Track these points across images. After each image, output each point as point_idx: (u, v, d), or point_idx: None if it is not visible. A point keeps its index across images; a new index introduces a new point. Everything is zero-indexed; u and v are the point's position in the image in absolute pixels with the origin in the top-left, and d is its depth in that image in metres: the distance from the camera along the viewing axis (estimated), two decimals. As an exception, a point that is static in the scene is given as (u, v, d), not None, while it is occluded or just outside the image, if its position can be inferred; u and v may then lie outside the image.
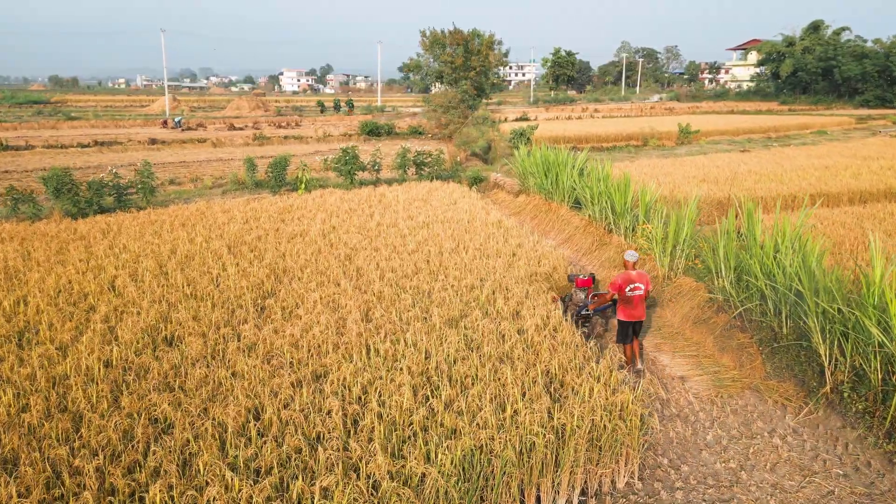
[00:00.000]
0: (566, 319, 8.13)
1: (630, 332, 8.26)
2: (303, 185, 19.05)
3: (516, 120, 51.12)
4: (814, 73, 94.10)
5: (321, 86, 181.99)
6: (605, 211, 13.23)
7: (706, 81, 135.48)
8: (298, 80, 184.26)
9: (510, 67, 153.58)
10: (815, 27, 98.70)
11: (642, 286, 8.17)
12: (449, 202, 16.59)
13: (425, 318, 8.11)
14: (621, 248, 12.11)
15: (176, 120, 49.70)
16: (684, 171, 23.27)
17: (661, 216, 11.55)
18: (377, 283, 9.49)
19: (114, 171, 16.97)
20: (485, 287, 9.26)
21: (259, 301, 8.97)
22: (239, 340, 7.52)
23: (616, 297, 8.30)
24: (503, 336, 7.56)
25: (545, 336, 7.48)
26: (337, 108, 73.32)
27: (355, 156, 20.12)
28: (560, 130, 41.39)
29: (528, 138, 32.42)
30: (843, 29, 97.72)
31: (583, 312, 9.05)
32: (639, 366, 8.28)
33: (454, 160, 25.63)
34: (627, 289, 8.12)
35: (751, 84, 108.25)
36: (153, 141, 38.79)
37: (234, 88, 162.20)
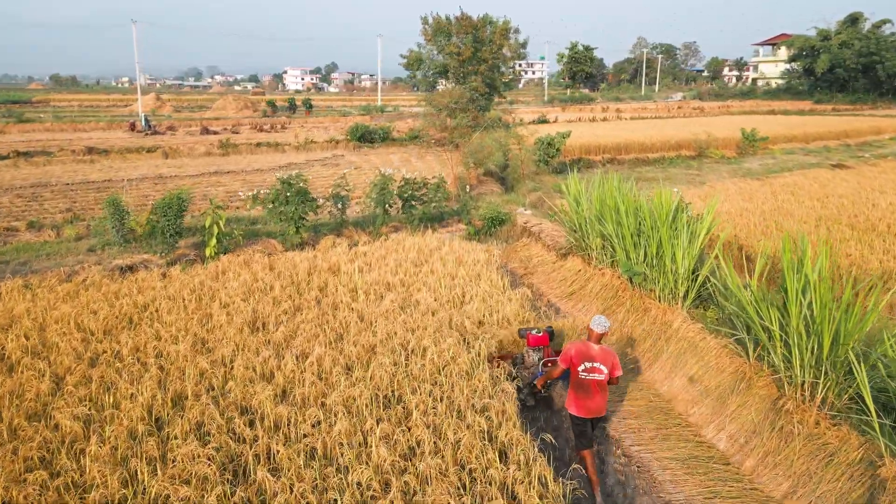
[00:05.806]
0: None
1: (589, 432, 5.49)
2: (212, 242, 11.43)
3: (534, 123, 43.29)
4: (853, 69, 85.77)
5: (325, 84, 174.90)
6: (825, 369, 5.45)
7: (733, 79, 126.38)
8: (302, 79, 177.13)
9: (519, 64, 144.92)
10: (854, 20, 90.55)
11: (604, 370, 5.39)
12: (452, 292, 8.95)
13: None
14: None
15: (144, 121, 42.60)
16: (804, 209, 15.48)
17: None
18: None
19: None
20: None
21: None
22: None
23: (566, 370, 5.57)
24: None
25: None
26: (293, 108, 65.78)
27: (302, 190, 12.39)
28: (589, 136, 33.50)
29: (558, 149, 24.76)
30: (885, 21, 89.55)
31: (534, 383, 6.33)
32: (598, 499, 5.21)
33: (461, 186, 17.94)
34: (581, 367, 5.41)
35: (780, 81, 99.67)
36: (90, 150, 31.41)
37: (237, 87, 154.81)
